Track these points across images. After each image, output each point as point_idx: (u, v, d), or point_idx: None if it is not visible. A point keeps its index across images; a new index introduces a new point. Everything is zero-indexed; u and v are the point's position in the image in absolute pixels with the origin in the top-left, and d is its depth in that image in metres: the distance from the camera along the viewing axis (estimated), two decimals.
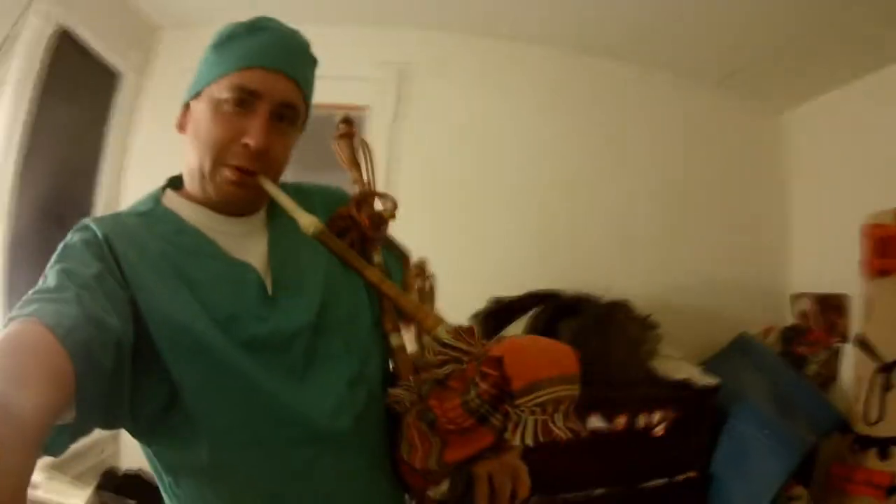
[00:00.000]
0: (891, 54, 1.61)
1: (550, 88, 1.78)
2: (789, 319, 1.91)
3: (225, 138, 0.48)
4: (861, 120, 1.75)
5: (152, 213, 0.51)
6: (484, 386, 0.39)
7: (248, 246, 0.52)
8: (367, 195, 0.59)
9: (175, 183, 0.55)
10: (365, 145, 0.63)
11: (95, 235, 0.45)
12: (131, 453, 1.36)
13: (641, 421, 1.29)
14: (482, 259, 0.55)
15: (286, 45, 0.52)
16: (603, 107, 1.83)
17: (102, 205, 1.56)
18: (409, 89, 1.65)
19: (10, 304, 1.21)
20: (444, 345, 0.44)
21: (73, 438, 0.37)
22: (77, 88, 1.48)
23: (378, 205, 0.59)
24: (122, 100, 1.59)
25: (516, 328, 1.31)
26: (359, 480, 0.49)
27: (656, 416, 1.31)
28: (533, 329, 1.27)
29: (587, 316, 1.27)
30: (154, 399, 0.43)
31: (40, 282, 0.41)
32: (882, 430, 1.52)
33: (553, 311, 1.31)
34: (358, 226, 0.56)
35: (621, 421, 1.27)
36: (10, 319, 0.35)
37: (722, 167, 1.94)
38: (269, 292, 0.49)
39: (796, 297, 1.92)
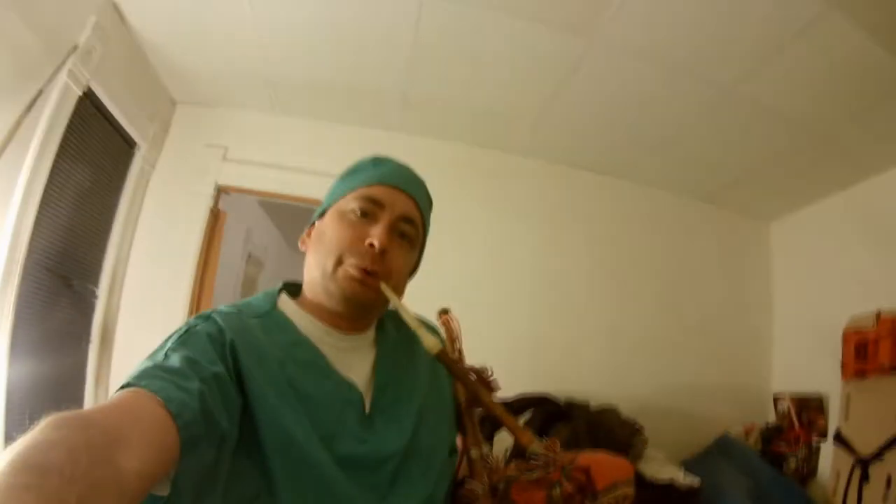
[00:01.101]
0: (870, 167, 1.73)
1: (552, 202, 1.88)
2: (770, 419, 1.96)
3: (350, 238, 0.53)
4: (842, 228, 1.85)
5: (270, 316, 0.53)
6: (569, 486, 0.49)
7: (354, 363, 0.55)
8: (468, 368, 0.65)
9: (289, 289, 0.59)
10: (456, 328, 0.69)
11: (221, 334, 0.47)
12: None
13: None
14: (479, 362, 0.58)
15: (408, 172, 0.60)
16: (601, 221, 1.92)
17: (109, 270, 1.58)
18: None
19: (13, 357, 1.21)
20: (537, 455, 0.52)
21: None
22: (94, 152, 1.51)
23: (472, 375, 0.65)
24: (136, 168, 1.63)
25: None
26: None
27: None
28: None
29: (578, 421, 1.31)
30: (244, 492, 0.44)
31: (160, 355, 0.42)
32: None
33: (545, 416, 1.34)
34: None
35: None
36: (130, 386, 0.37)
37: (711, 277, 2.04)
38: (368, 412, 0.53)
39: (777, 399, 1.98)
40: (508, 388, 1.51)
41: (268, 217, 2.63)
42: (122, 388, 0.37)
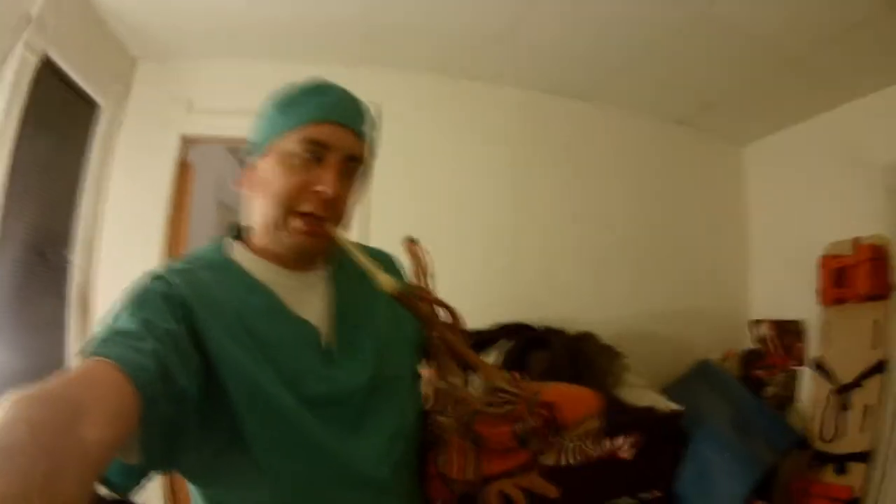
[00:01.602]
0: (846, 93, 1.71)
1: (521, 128, 1.85)
2: (748, 345, 2.00)
3: (297, 187, 0.50)
4: (818, 154, 1.85)
5: (221, 266, 0.53)
6: (533, 421, 0.50)
7: (310, 300, 0.54)
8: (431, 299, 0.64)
9: (236, 233, 0.58)
10: (426, 263, 0.67)
11: (174, 291, 0.46)
12: None
13: (607, 445, 1.35)
14: (455, 293, 0.58)
15: (349, 102, 0.55)
16: (571, 146, 1.90)
17: (82, 238, 1.57)
18: (385, 128, 1.69)
19: None
20: (501, 390, 0.53)
21: (140, 479, 0.40)
22: (57, 119, 1.48)
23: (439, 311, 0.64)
24: (101, 129, 1.60)
25: (489, 360, 1.36)
26: None
27: (622, 441, 1.37)
28: (505, 361, 1.32)
29: (556, 349, 1.32)
30: (215, 443, 0.46)
31: (114, 319, 0.43)
32: (839, 447, 1.61)
33: (523, 344, 1.36)
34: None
35: (601, 445, 1.33)
36: (88, 353, 0.37)
37: (684, 201, 2.04)
38: (328, 349, 0.53)
39: (755, 324, 2.01)
40: (485, 317, 1.54)
41: (238, 164, 2.58)
42: (81, 355, 0.37)
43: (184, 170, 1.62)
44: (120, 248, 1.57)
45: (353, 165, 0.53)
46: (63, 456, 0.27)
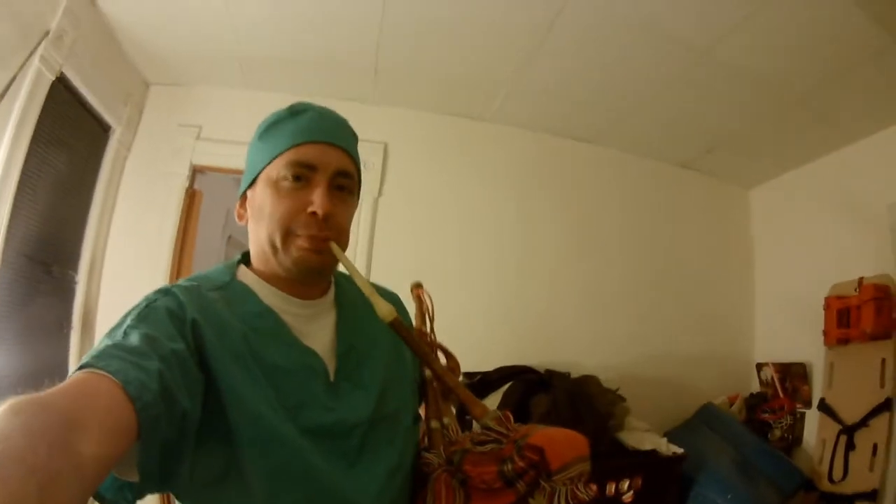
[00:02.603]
0: (849, 134, 1.72)
1: (526, 169, 1.86)
2: (754, 388, 1.97)
3: (290, 211, 0.50)
4: (823, 195, 1.85)
5: (230, 288, 0.52)
6: (521, 463, 0.50)
7: (316, 330, 0.54)
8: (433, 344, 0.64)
9: (247, 259, 0.57)
10: (429, 303, 0.68)
11: (181, 309, 0.46)
12: None
13: (611, 489, 1.33)
14: (455, 333, 0.58)
15: (330, 120, 0.55)
16: (576, 188, 1.91)
17: (88, 255, 1.57)
18: (390, 167, 1.71)
19: None
20: (489, 428, 0.54)
21: (135, 497, 0.39)
22: (69, 137, 1.49)
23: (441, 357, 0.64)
24: (111, 152, 1.61)
25: (491, 402, 1.35)
26: None
27: (625, 484, 1.35)
28: (506, 404, 1.30)
29: (558, 392, 1.31)
30: (212, 467, 0.44)
31: (119, 333, 0.41)
32: (847, 487, 1.58)
33: (525, 388, 1.34)
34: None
35: (592, 489, 1.30)
36: (88, 367, 0.36)
37: (691, 242, 2.03)
38: (332, 379, 0.52)
39: (760, 367, 1.99)
40: (487, 360, 1.53)
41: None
42: (81, 368, 0.36)
43: (192, 198, 1.63)
44: (125, 271, 1.58)
45: (344, 182, 0.53)
46: (59, 469, 0.26)
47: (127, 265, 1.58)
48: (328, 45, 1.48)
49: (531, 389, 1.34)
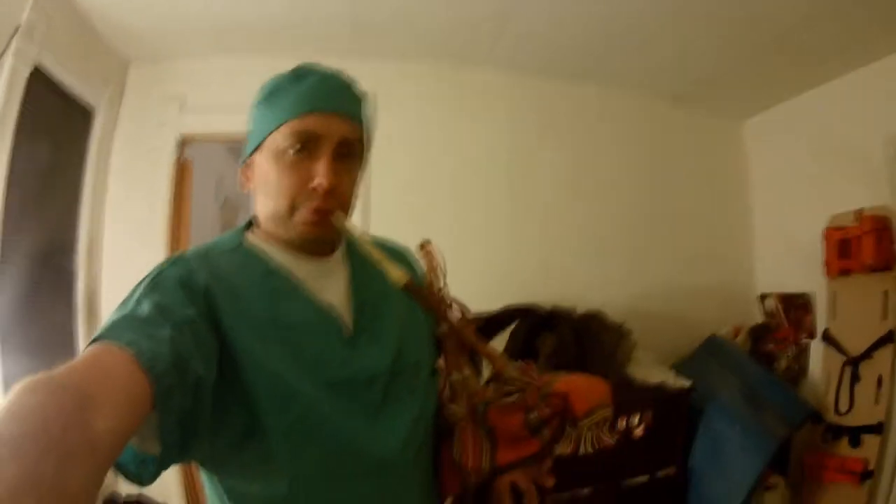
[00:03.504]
0: (844, 65, 1.69)
1: (518, 112, 1.83)
2: (757, 319, 1.99)
3: (294, 185, 0.50)
4: (819, 126, 1.83)
5: (240, 251, 0.52)
6: (546, 410, 0.51)
7: (328, 286, 0.54)
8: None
9: (251, 223, 0.57)
10: (440, 263, 0.67)
11: (192, 276, 0.45)
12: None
13: (621, 424, 1.35)
14: (457, 277, 0.58)
15: (334, 85, 0.53)
16: (569, 128, 1.89)
17: (84, 244, 1.56)
18: (380, 118, 1.69)
19: (4, 350, 1.21)
20: (512, 379, 0.54)
21: (158, 468, 0.39)
22: (52, 126, 1.48)
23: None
24: (96, 134, 1.59)
25: (497, 344, 1.36)
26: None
27: (635, 419, 1.37)
28: (513, 345, 1.32)
29: (563, 330, 1.32)
30: (232, 432, 0.45)
31: (130, 304, 0.41)
32: (852, 420, 1.61)
33: (530, 327, 1.35)
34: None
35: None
36: (101, 339, 0.36)
37: (686, 177, 2.02)
38: (349, 334, 0.52)
39: (762, 298, 2.00)
40: (491, 302, 1.54)
41: (237, 160, 2.58)
42: (94, 341, 0.36)
43: (182, 169, 1.62)
44: (123, 252, 1.57)
45: (349, 149, 0.52)
46: (74, 446, 0.27)
47: (125, 244, 1.58)
48: (304, 3, 1.44)
49: (537, 328, 1.35)
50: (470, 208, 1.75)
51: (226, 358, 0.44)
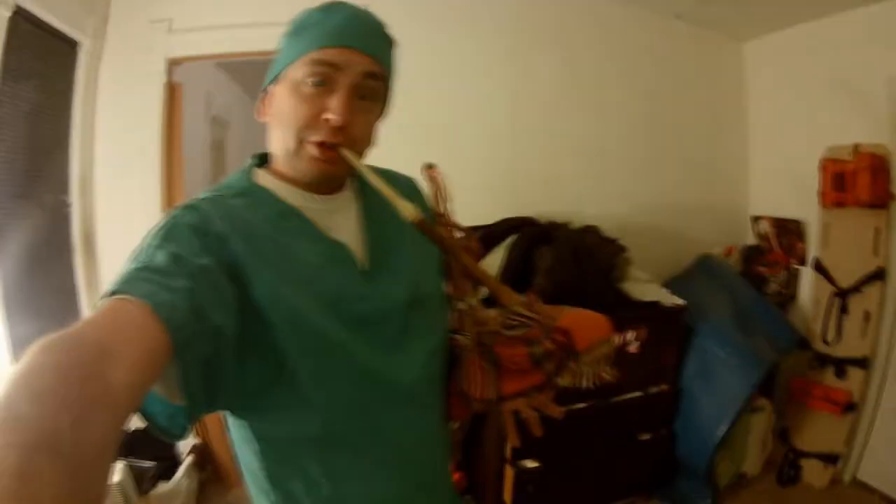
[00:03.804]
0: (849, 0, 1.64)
1: (516, 23, 1.78)
2: (749, 240, 2.00)
3: (307, 116, 0.49)
4: (821, 57, 1.79)
5: (250, 192, 0.52)
6: (549, 345, 0.53)
7: (340, 223, 0.54)
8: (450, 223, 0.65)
9: (261, 161, 0.56)
10: (443, 187, 0.67)
11: (205, 222, 0.45)
12: None
13: (617, 340, 1.38)
14: (457, 190, 0.59)
15: (361, 23, 0.52)
16: (568, 40, 1.84)
17: (77, 176, 1.54)
18: None
19: (5, 289, 1.21)
20: (518, 313, 0.56)
21: (188, 421, 0.40)
22: (37, 65, 1.43)
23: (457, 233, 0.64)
24: (83, 67, 1.55)
25: (495, 257, 1.38)
26: (433, 431, 0.58)
27: (631, 335, 1.40)
28: (511, 258, 1.33)
29: (561, 245, 1.33)
30: (259, 377, 0.45)
31: (144, 253, 0.40)
32: (839, 351, 1.66)
33: (527, 241, 1.36)
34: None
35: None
36: (115, 291, 0.35)
37: (685, 93, 1.99)
38: (365, 269, 0.52)
39: (756, 220, 2.02)
40: (489, 214, 1.54)
41: (226, 75, 2.50)
42: (109, 294, 0.35)
43: (172, 91, 1.58)
44: (117, 182, 1.56)
45: (369, 88, 0.50)
46: (92, 401, 0.27)
47: (118, 175, 1.56)
48: None
49: (534, 242, 1.36)
50: (467, 122, 1.73)
51: (246, 304, 0.44)
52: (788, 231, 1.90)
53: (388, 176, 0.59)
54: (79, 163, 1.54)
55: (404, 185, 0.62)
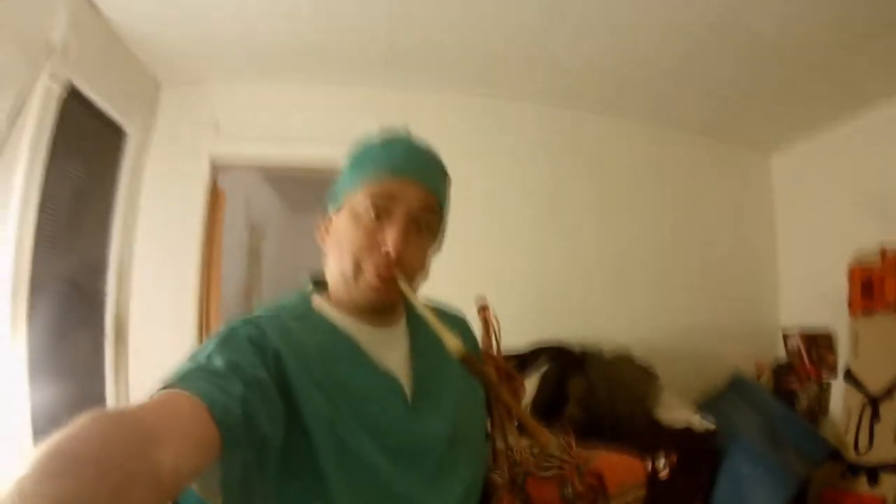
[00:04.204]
0: (869, 98, 1.69)
1: (546, 145, 1.84)
2: (780, 356, 1.98)
3: (365, 244, 0.51)
4: (843, 161, 1.83)
5: (308, 316, 0.54)
6: (581, 487, 0.53)
7: (391, 354, 0.55)
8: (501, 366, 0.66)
9: (318, 285, 0.59)
10: (496, 324, 0.69)
11: (263, 337, 0.46)
12: None
13: (647, 466, 1.36)
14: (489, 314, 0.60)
15: (419, 156, 0.55)
16: (598, 161, 1.89)
17: (115, 263, 1.57)
18: None
19: (32, 366, 1.22)
20: (552, 455, 0.57)
21: None
22: (84, 148, 1.48)
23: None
24: (129, 156, 1.60)
25: (528, 384, 1.37)
26: None
27: (661, 461, 1.38)
28: (544, 387, 1.32)
29: (593, 373, 1.33)
30: (298, 491, 0.45)
31: (202, 356, 0.42)
32: (871, 458, 1.61)
33: (560, 369, 1.36)
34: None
35: None
36: (173, 387, 0.36)
37: (712, 211, 2.02)
38: (410, 401, 0.53)
39: (785, 337, 2.01)
40: (519, 335, 1.54)
41: (266, 183, 2.59)
42: (164, 388, 0.37)
43: (215, 195, 1.62)
44: (154, 276, 1.59)
45: (424, 220, 0.53)
46: (134, 476, 0.27)
47: (155, 269, 1.59)
48: (341, 30, 1.45)
49: (566, 371, 1.35)
50: (500, 240, 1.76)
51: (294, 422, 0.45)
52: (819, 344, 1.88)
53: (440, 311, 0.60)
54: (118, 250, 1.57)
55: (455, 322, 0.63)
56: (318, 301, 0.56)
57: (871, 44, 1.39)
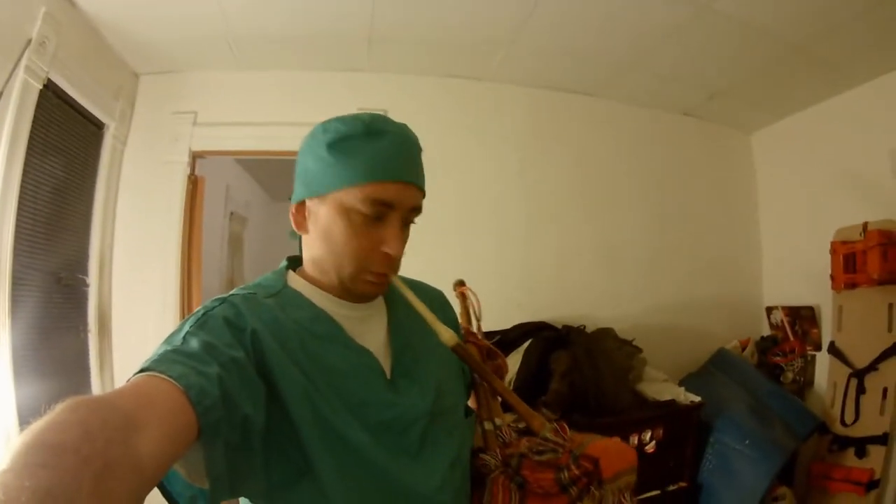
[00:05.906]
0: (849, 79, 1.71)
1: (528, 126, 1.84)
2: (764, 332, 2.01)
3: (366, 249, 0.51)
4: (824, 139, 1.85)
5: (284, 294, 0.53)
6: (576, 471, 0.53)
7: (369, 330, 0.55)
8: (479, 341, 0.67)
9: (294, 264, 0.58)
10: (474, 301, 0.69)
11: (239, 317, 0.46)
12: None
13: (634, 440, 1.37)
14: (471, 296, 0.60)
15: (409, 152, 0.53)
16: (580, 142, 1.90)
17: (96, 256, 1.56)
18: None
19: (16, 361, 1.21)
20: (546, 439, 0.57)
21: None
22: (64, 141, 1.47)
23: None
24: (107, 149, 1.59)
25: (511, 362, 1.37)
26: None
27: (647, 435, 1.38)
28: (528, 364, 1.33)
29: (576, 348, 1.33)
30: (283, 470, 0.45)
31: (178, 339, 0.42)
32: (858, 431, 1.63)
33: (544, 346, 1.37)
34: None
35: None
36: (148, 371, 0.36)
37: (695, 190, 2.03)
38: (389, 376, 0.54)
39: (769, 311, 2.02)
40: (504, 317, 1.54)
41: (245, 171, 2.58)
42: (141, 372, 0.36)
43: (195, 184, 1.61)
44: (135, 266, 1.57)
45: (413, 217, 0.54)
46: (115, 463, 0.27)
47: (137, 260, 1.58)
48: (319, 15, 1.44)
49: (550, 346, 1.36)
50: (481, 223, 1.76)
51: (274, 401, 0.45)
52: (802, 318, 1.90)
53: (419, 289, 0.61)
54: (98, 242, 1.56)
55: (434, 299, 0.63)
56: (295, 279, 0.56)
57: (851, 25, 1.41)
